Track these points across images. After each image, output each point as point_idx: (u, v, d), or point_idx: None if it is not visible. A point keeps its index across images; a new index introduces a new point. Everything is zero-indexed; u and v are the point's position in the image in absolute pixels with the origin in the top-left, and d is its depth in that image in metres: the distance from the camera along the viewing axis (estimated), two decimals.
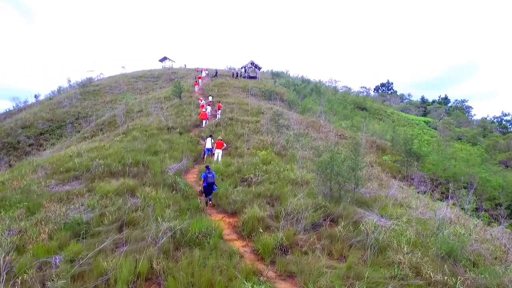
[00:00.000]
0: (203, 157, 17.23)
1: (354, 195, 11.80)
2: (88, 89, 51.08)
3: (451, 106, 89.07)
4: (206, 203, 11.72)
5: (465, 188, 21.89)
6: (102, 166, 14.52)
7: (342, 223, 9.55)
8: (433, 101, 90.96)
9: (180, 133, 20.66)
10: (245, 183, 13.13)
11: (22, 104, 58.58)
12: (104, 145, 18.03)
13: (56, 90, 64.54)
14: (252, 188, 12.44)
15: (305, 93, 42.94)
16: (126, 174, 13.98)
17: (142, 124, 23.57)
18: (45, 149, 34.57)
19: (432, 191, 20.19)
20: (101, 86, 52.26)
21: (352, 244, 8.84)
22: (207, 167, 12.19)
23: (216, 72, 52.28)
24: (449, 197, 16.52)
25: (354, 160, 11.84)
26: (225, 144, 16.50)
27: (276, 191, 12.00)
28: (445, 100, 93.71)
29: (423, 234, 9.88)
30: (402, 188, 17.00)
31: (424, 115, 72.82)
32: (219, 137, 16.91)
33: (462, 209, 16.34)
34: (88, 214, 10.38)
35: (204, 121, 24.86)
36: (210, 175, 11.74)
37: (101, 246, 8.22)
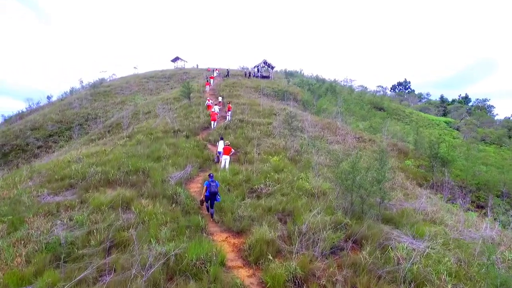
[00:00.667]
0: (218, 161, 15.98)
1: (380, 211, 10.22)
2: (99, 90, 50.60)
3: (472, 106, 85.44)
4: (212, 215, 10.42)
5: (497, 196, 19.99)
6: (99, 174, 13.34)
7: (367, 247, 8.03)
8: (453, 101, 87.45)
9: (187, 137, 19.40)
10: (254, 195, 11.71)
11: (35, 106, 58.74)
12: (105, 150, 16.91)
13: (68, 91, 64.74)
14: (262, 201, 11.01)
15: (320, 92, 41.22)
16: (124, 183, 12.78)
17: (148, 126, 22.45)
18: (54, 151, 33.97)
19: (461, 199, 18.34)
20: (112, 87, 51.72)
21: (381, 275, 7.32)
22: (210, 175, 10.88)
23: (228, 72, 51.04)
24: (486, 210, 14.66)
25: (379, 170, 10.25)
26: (233, 150, 15.10)
27: (289, 205, 10.54)
28: (466, 99, 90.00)
29: (465, 261, 8.26)
30: (430, 198, 15.26)
31: (444, 115, 69.86)
32: (227, 142, 15.52)
33: (494, 219, 14.57)
34: (75, 231, 9.16)
35: (212, 122, 23.61)
36: (214, 184, 10.45)
37: (81, 276, 6.95)
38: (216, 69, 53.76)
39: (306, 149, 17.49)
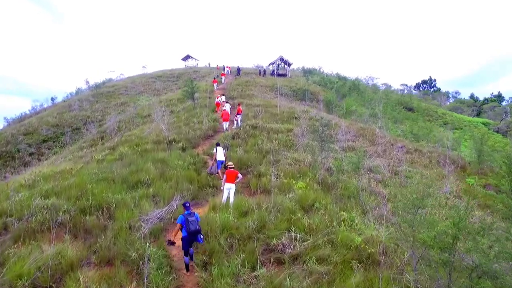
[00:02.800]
0: (211, 172, 12.19)
1: None
2: (102, 90, 46.97)
3: (506, 104, 78.26)
4: (187, 267, 6.69)
5: None
6: (46, 211, 9.07)
7: None
8: (485, 99, 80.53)
9: (183, 149, 15.00)
10: (271, 259, 7.14)
11: (39, 108, 55.80)
12: (71, 169, 12.64)
13: (74, 92, 61.72)
14: (286, 273, 6.45)
15: (344, 91, 36.27)
16: (75, 229, 8.47)
17: (138, 134, 18.21)
18: (46, 159, 30.33)
19: None
20: (116, 87, 48.04)
21: None
22: (185, 205, 6.66)
23: (239, 70, 46.59)
24: None
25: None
26: (239, 175, 10.42)
27: None
28: (499, 97, 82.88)
29: None
30: None
31: (478, 115, 63.55)
32: (230, 164, 10.54)
33: None
34: None
35: (224, 123, 19.18)
36: (193, 219, 6.72)
37: None
38: (227, 67, 49.42)
39: (342, 167, 12.78)
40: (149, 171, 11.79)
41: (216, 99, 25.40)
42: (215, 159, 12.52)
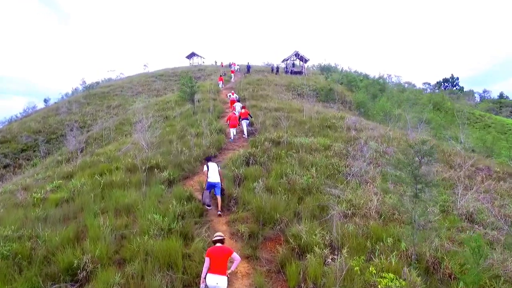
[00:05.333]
0: (205, 203, 8.27)
1: None
2: (96, 91, 41.95)
3: None
4: None
5: None
6: None
7: None
8: None
9: (169, 182, 9.60)
10: None
11: (31, 110, 51.09)
12: None
13: (70, 92, 57.12)
14: None
15: (374, 91, 30.57)
16: None
17: (111, 154, 12.86)
18: (23, 172, 25.33)
19: None
20: (111, 88, 42.94)
21: None
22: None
23: (248, 68, 41.19)
24: None
25: None
26: (235, 257, 5.08)
27: None
28: None
29: None
30: None
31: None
32: (218, 236, 5.32)
33: None
34: None
35: (232, 130, 14.59)
36: None
37: None
38: (232, 63, 44.06)
39: (427, 216, 7.24)
40: (96, 239, 6.41)
41: (231, 96, 20.53)
42: (206, 181, 8.46)
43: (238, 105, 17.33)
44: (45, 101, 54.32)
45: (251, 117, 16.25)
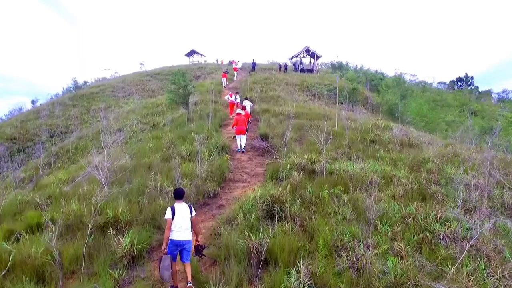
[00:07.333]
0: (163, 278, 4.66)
1: None
2: (84, 91, 37.75)
3: None
4: None
5: None
6: None
7: None
8: None
9: (130, 261, 5.31)
10: None
11: (17, 112, 46.81)
12: None
13: (61, 93, 52.95)
14: None
15: (402, 92, 26.14)
16: None
17: (56, 188, 8.61)
18: None
19: None
20: (101, 88, 38.73)
21: None
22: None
23: (254, 65, 36.87)
24: None
25: None
26: None
27: None
28: None
29: None
30: None
31: None
32: None
33: None
34: None
35: (238, 138, 11.20)
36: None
37: None
38: (233, 61, 39.77)
39: None
40: None
41: (230, 98, 16.31)
42: (167, 237, 5.00)
43: (247, 103, 14.55)
44: (33, 102, 50.07)
45: (250, 123, 13.54)
